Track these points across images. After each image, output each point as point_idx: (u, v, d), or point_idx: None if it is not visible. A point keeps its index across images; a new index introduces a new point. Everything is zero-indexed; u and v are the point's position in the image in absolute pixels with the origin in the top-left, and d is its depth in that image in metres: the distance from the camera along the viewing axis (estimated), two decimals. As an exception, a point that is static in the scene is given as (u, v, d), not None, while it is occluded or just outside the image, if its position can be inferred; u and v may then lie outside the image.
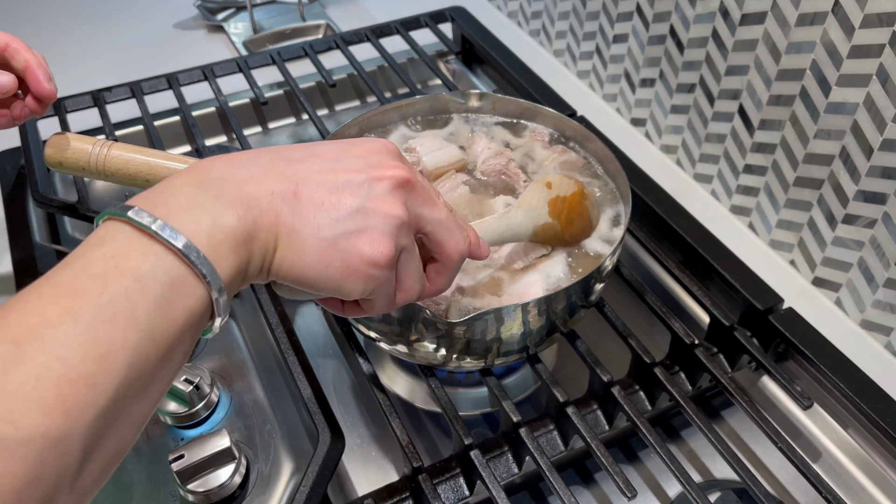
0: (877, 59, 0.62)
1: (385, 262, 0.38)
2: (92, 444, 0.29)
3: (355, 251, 0.38)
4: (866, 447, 0.62)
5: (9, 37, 0.59)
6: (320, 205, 0.37)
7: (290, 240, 0.37)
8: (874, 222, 0.67)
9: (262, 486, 0.57)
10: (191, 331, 0.33)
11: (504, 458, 0.58)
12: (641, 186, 0.76)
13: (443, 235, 0.43)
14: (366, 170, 0.39)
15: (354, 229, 0.38)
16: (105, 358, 0.29)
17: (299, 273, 0.37)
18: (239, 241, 0.34)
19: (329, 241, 0.37)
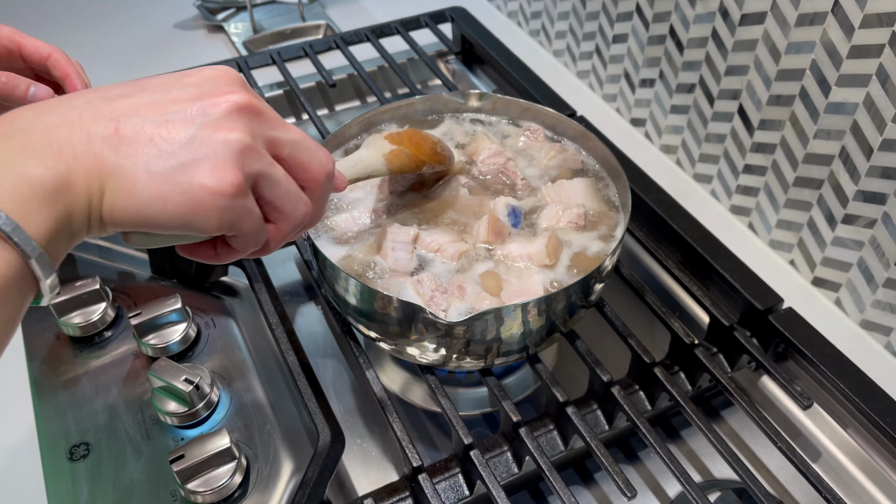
0: (876, 60, 0.62)
1: (233, 191, 0.35)
2: None
3: (196, 183, 0.34)
4: (866, 447, 0.62)
5: (52, 48, 0.61)
6: (148, 140, 0.34)
7: (116, 180, 0.33)
8: (874, 222, 0.67)
9: (262, 486, 0.57)
10: (6, 298, 0.30)
11: (504, 458, 0.58)
12: (641, 186, 0.76)
13: (304, 156, 0.39)
14: (199, 98, 0.36)
15: (191, 160, 0.34)
16: None
17: (135, 214, 0.34)
18: (51, 194, 0.31)
19: (162, 176, 0.34)
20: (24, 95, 0.60)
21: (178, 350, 0.65)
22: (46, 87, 0.62)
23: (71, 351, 0.66)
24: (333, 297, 0.61)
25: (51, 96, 0.62)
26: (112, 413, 0.61)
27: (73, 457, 0.58)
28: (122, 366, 0.65)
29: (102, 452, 0.58)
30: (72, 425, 0.60)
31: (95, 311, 0.67)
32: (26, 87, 0.60)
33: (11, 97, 0.60)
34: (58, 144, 0.32)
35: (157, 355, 0.65)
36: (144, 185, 0.33)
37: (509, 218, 0.62)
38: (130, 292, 0.71)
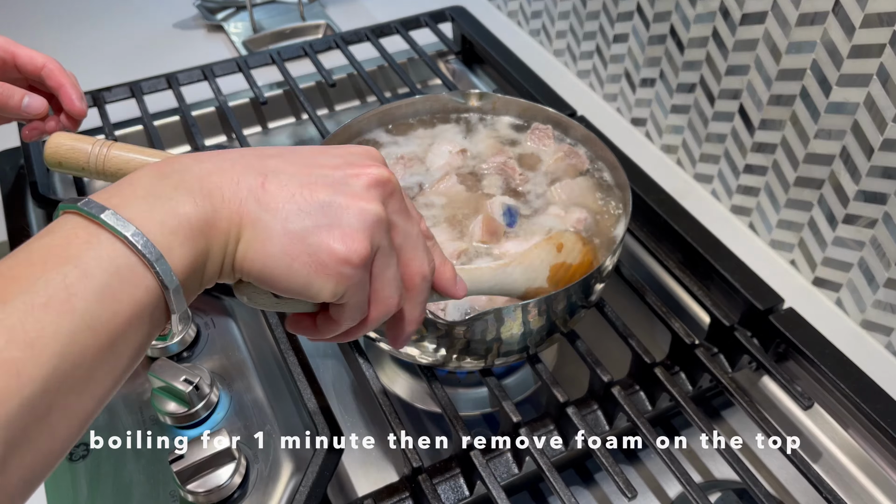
0: (877, 59, 0.62)
1: (358, 260, 0.35)
2: (17, 436, 0.26)
3: (325, 246, 0.34)
4: (867, 447, 0.62)
5: (46, 58, 0.62)
6: (290, 197, 0.35)
7: (254, 230, 0.34)
8: (875, 222, 0.67)
9: (261, 487, 0.57)
10: (139, 325, 0.31)
11: (504, 458, 0.58)
12: (642, 186, 0.75)
13: (410, 252, 0.39)
14: (343, 167, 0.37)
15: (326, 223, 0.35)
16: (33, 345, 0.27)
17: (262, 266, 0.34)
18: (195, 230, 0.32)
19: (296, 234, 0.34)
20: (18, 106, 0.60)
21: (178, 350, 0.65)
22: (41, 98, 0.62)
23: (70, 351, 0.66)
24: (333, 298, 0.60)
25: (46, 107, 0.62)
26: (112, 413, 0.61)
27: (73, 457, 0.58)
28: (122, 366, 0.65)
29: (102, 453, 0.58)
30: (71, 425, 0.60)
31: (95, 311, 0.66)
32: (20, 97, 0.60)
33: (6, 107, 0.60)
34: (209, 188, 0.34)
35: (156, 355, 0.64)
36: (278, 239, 0.34)
37: (504, 217, 0.62)
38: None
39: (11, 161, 0.86)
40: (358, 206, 0.36)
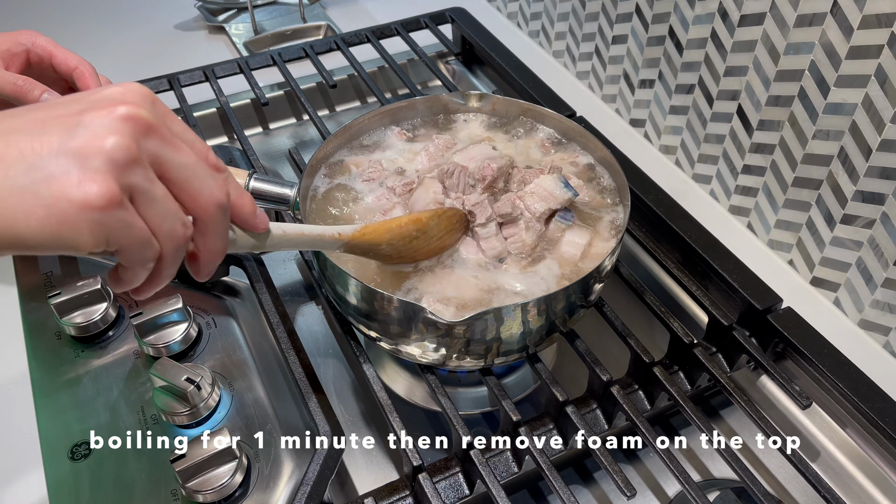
0: (875, 60, 0.62)
1: (104, 203, 0.32)
2: None
3: (62, 195, 0.31)
4: (865, 446, 0.62)
5: (80, 61, 0.63)
6: (18, 155, 0.32)
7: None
8: (872, 222, 0.67)
9: (262, 486, 0.57)
10: None
11: (504, 457, 0.59)
12: (640, 187, 0.76)
13: (194, 183, 0.37)
14: (84, 111, 0.33)
15: (60, 171, 0.32)
16: None
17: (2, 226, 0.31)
18: None
19: (25, 190, 0.31)
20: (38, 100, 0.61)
21: (180, 350, 0.65)
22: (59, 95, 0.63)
23: (72, 351, 0.66)
24: (334, 297, 0.61)
25: None
26: (113, 412, 0.61)
27: (75, 456, 0.58)
28: (124, 365, 0.65)
29: (104, 452, 0.59)
30: (73, 425, 0.61)
31: (97, 310, 0.67)
32: (40, 92, 0.61)
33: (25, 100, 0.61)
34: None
35: (158, 355, 0.65)
36: (6, 201, 0.31)
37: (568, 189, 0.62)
38: (131, 292, 0.71)
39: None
40: (96, 146, 0.32)
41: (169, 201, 0.36)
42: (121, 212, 0.33)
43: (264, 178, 0.63)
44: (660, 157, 0.93)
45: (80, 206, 0.32)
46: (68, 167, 0.32)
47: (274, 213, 0.78)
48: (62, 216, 0.32)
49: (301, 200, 0.62)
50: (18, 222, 0.31)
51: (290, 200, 0.63)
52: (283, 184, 0.63)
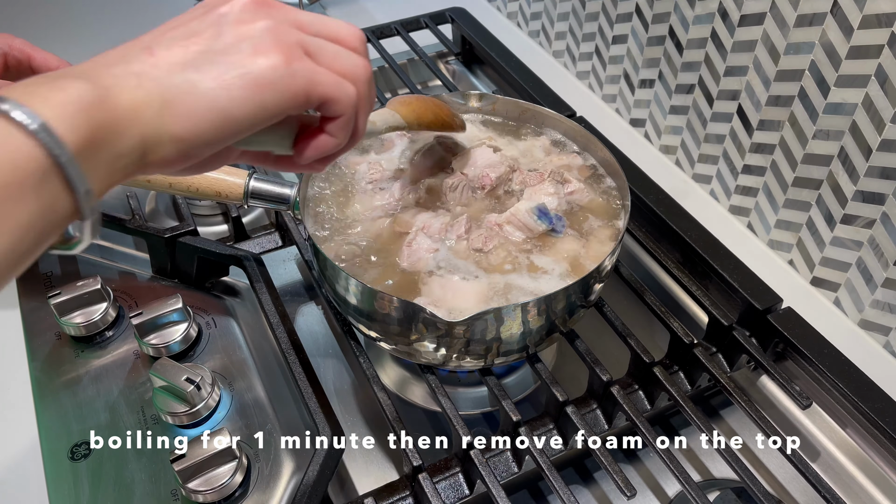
0: (875, 60, 0.62)
1: (284, 57, 0.35)
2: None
3: (245, 65, 0.35)
4: (865, 446, 0.62)
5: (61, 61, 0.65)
6: (182, 50, 0.34)
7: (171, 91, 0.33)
8: (873, 222, 0.67)
9: (262, 486, 0.57)
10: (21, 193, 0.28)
11: (504, 457, 0.59)
12: (641, 187, 0.76)
13: (331, 28, 0.40)
14: (211, 9, 0.37)
15: (233, 52, 0.35)
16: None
17: (204, 110, 0.33)
18: (89, 103, 0.31)
19: (213, 70, 0.34)
20: None
21: (179, 350, 0.65)
22: None
23: (72, 351, 0.66)
24: (334, 297, 0.61)
25: None
26: (113, 412, 0.61)
27: (75, 456, 0.58)
28: (124, 365, 0.65)
29: (104, 452, 0.59)
30: (73, 425, 0.61)
31: (97, 310, 0.67)
32: None
33: None
34: (94, 76, 0.32)
35: (158, 355, 0.65)
36: (200, 82, 0.34)
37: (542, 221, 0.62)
38: (132, 292, 0.71)
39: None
40: (246, 28, 0.36)
41: (333, 45, 0.39)
42: (304, 61, 0.36)
43: (264, 178, 0.63)
44: (660, 156, 0.93)
45: (267, 67, 0.35)
46: (235, 47, 0.35)
47: (274, 214, 0.78)
48: (257, 82, 0.34)
49: (301, 201, 0.62)
50: (221, 99, 0.34)
51: (290, 200, 0.63)
52: (283, 184, 0.63)
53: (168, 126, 0.33)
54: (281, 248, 0.76)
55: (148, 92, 0.33)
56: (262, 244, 0.76)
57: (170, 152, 0.34)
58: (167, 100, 0.33)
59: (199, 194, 0.63)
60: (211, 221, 0.84)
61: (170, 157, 0.34)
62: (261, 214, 0.85)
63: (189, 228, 0.72)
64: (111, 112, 0.31)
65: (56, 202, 0.30)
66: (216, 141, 0.35)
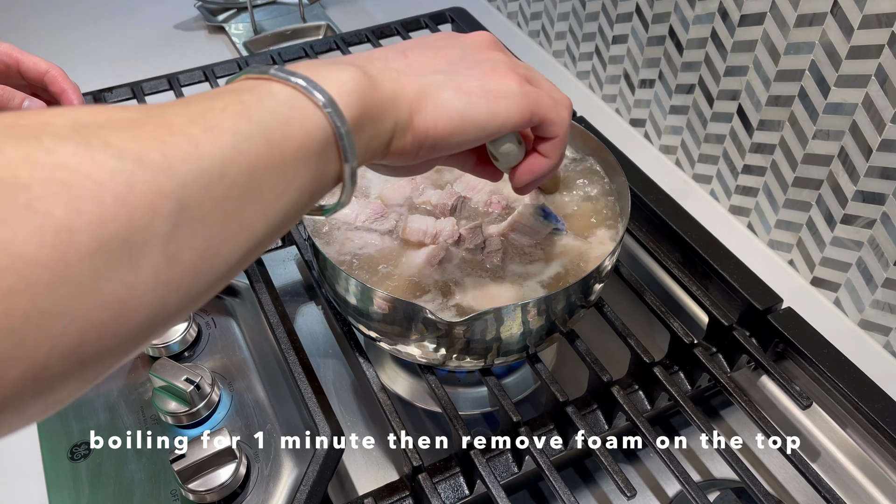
0: (875, 60, 0.62)
1: (518, 80, 0.41)
2: (191, 202, 0.27)
3: (487, 80, 0.40)
4: (865, 447, 0.62)
5: (49, 65, 0.63)
6: (432, 58, 0.40)
7: (422, 90, 0.38)
8: (873, 222, 0.67)
9: (262, 486, 0.57)
10: (307, 161, 0.32)
11: (504, 457, 0.58)
12: (641, 187, 0.76)
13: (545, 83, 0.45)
14: (452, 36, 0.44)
15: (476, 69, 0.41)
16: (212, 130, 0.28)
17: (448, 112, 0.38)
18: (361, 89, 0.35)
19: (458, 79, 0.39)
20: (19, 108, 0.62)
21: (179, 350, 0.65)
22: (41, 102, 0.63)
23: (72, 351, 0.66)
24: (334, 297, 0.61)
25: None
26: (113, 413, 0.61)
27: (74, 456, 0.58)
28: (123, 366, 0.65)
29: (103, 452, 0.59)
30: (73, 425, 0.61)
31: (96, 311, 0.67)
32: (21, 100, 0.61)
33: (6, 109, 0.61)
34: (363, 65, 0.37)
35: (157, 355, 0.65)
36: (446, 87, 0.39)
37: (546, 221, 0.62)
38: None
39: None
40: (485, 54, 0.43)
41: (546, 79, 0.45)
42: (532, 88, 0.42)
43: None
44: (660, 156, 0.93)
45: (503, 84, 0.40)
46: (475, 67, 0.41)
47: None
48: (494, 93, 0.40)
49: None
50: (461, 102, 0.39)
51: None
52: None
53: (415, 118, 0.38)
54: (280, 248, 0.76)
55: (404, 85, 0.38)
56: (261, 244, 0.76)
57: (410, 142, 0.39)
58: (418, 95, 0.38)
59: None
60: (211, 221, 0.84)
61: (408, 147, 0.39)
62: (261, 214, 0.85)
63: (189, 228, 0.72)
64: (377, 97, 0.36)
65: (328, 168, 0.34)
66: (449, 136, 0.39)
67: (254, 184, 0.30)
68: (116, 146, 0.25)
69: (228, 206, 0.29)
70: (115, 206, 0.24)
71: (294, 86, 0.33)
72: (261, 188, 0.30)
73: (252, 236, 0.30)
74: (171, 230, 0.26)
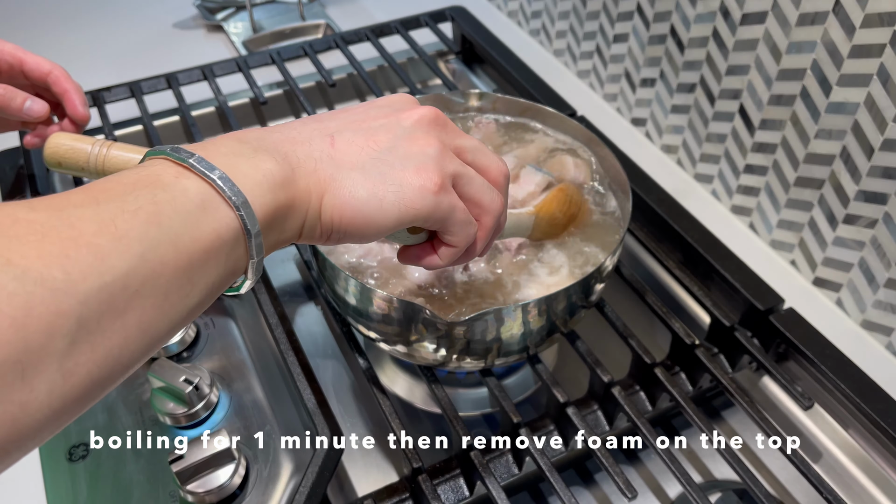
0: (878, 59, 0.62)
1: (437, 187, 0.39)
2: (91, 319, 0.27)
3: (405, 182, 0.39)
4: (867, 447, 0.61)
5: (52, 65, 0.63)
6: (359, 150, 0.39)
7: (338, 184, 0.37)
8: (875, 222, 0.67)
9: (261, 487, 0.57)
10: (216, 259, 0.32)
11: (504, 458, 0.58)
12: (642, 186, 0.75)
13: (483, 160, 0.44)
14: (393, 114, 0.42)
15: (398, 166, 0.39)
16: (120, 240, 0.28)
17: (354, 211, 0.37)
18: (276, 185, 0.35)
19: (377, 177, 0.38)
20: (20, 107, 0.61)
21: (178, 350, 0.65)
22: (43, 102, 0.63)
23: (70, 351, 0.66)
24: (333, 298, 0.60)
25: (47, 110, 0.64)
26: (111, 413, 0.61)
27: (73, 457, 0.58)
28: (122, 366, 0.65)
29: (102, 453, 0.58)
30: (71, 426, 0.60)
31: (95, 311, 0.66)
32: (22, 99, 0.61)
33: (8, 109, 0.61)
34: (285, 151, 0.37)
35: (156, 355, 0.64)
36: (361, 185, 0.38)
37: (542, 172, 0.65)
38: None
39: (11, 161, 0.86)
40: (418, 146, 0.40)
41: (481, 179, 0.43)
42: (450, 195, 0.40)
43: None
44: (661, 156, 0.93)
45: (422, 189, 0.39)
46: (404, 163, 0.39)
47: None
48: (409, 199, 0.39)
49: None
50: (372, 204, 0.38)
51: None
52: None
53: (323, 211, 0.38)
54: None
55: (319, 181, 0.37)
56: (261, 244, 0.76)
57: (318, 233, 0.38)
58: (331, 189, 0.37)
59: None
60: (210, 221, 0.83)
61: (316, 236, 0.39)
62: (260, 214, 0.85)
63: (188, 228, 0.72)
64: (290, 194, 0.36)
65: (237, 265, 0.34)
66: (355, 234, 0.39)
67: (158, 291, 0.30)
68: (19, 265, 0.25)
69: (130, 315, 0.29)
70: (10, 330, 0.25)
71: (210, 183, 0.32)
72: (165, 293, 0.30)
73: (154, 338, 0.31)
74: (68, 347, 0.26)
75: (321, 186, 0.37)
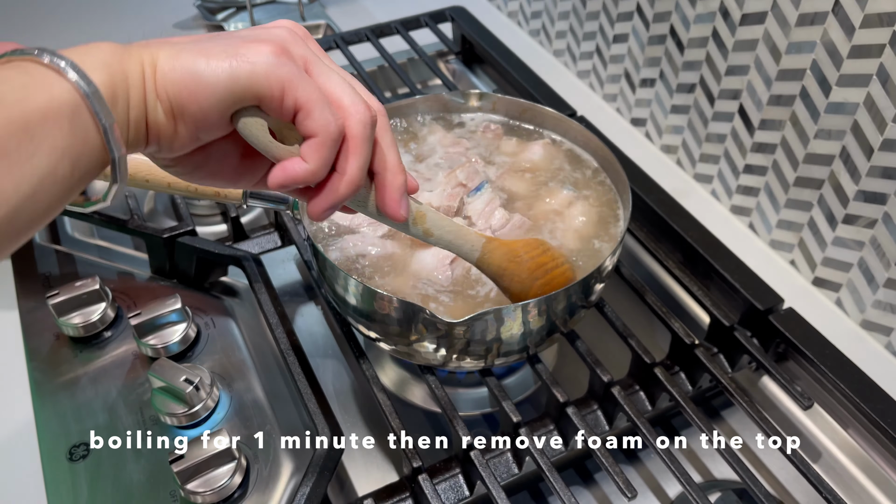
0: (877, 59, 0.62)
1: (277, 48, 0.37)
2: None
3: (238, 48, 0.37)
4: (866, 447, 0.62)
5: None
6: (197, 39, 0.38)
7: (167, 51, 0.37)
8: (874, 222, 0.67)
9: (261, 487, 0.57)
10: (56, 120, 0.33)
11: (504, 458, 0.58)
12: (641, 186, 0.75)
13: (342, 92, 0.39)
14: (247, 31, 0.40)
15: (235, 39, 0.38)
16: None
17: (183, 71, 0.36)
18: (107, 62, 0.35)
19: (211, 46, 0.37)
20: None
21: (178, 350, 0.65)
22: None
23: (71, 351, 0.66)
24: (333, 298, 0.61)
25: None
26: (112, 413, 0.61)
27: (73, 457, 0.58)
28: (122, 366, 0.65)
29: (102, 453, 0.58)
30: (71, 426, 0.60)
31: (95, 311, 0.66)
32: None
33: None
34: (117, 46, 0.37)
35: (156, 355, 0.64)
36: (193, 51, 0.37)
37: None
38: (130, 292, 0.71)
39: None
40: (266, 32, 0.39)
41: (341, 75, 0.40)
42: (294, 65, 0.37)
43: (263, 178, 0.63)
44: (661, 156, 0.93)
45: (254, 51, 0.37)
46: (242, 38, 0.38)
47: (273, 214, 0.78)
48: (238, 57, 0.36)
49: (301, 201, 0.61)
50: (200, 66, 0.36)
51: (290, 200, 0.62)
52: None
53: (158, 84, 0.37)
54: (280, 248, 0.76)
55: (151, 51, 0.37)
56: (261, 244, 0.76)
57: (162, 115, 0.37)
58: (162, 60, 0.37)
59: (197, 194, 0.63)
60: (210, 221, 0.84)
61: (162, 121, 0.37)
62: (260, 214, 0.85)
63: (188, 228, 0.72)
64: (123, 67, 0.36)
65: (87, 134, 0.34)
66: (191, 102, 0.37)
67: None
68: None
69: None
70: None
71: (35, 58, 0.34)
72: (6, 148, 0.31)
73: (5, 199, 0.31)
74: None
75: (153, 56, 0.37)
